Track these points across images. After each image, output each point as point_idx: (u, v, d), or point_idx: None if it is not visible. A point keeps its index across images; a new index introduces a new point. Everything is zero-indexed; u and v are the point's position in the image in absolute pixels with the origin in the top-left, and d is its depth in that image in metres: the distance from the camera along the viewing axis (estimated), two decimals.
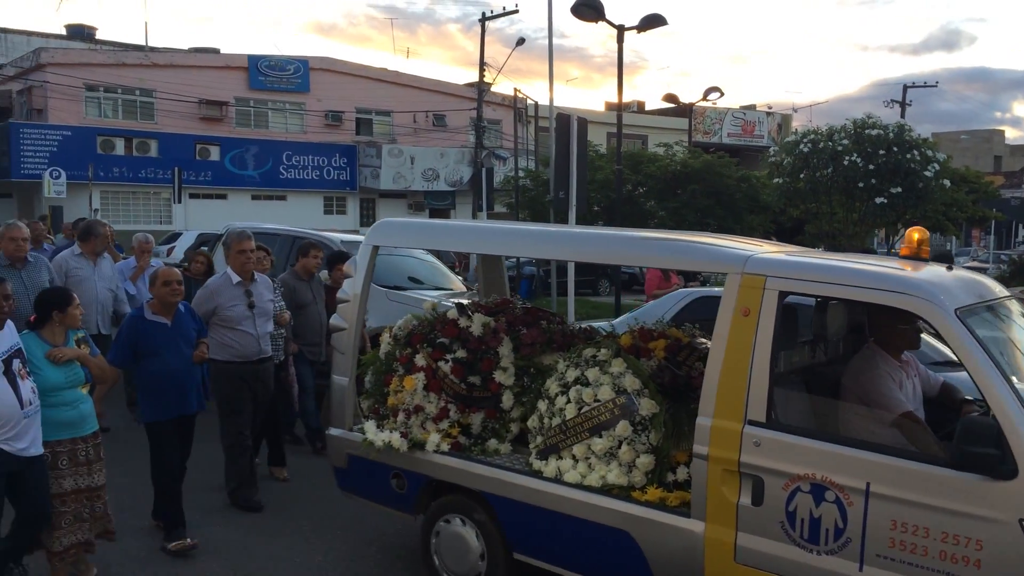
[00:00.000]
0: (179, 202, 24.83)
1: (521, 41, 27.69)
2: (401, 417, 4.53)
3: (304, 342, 7.07)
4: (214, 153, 29.84)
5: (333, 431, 4.87)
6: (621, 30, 13.26)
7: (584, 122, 11.47)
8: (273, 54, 32.34)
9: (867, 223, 16.67)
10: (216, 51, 34.51)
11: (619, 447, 3.84)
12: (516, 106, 31.23)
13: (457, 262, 21.65)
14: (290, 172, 31.42)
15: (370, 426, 4.61)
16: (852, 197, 16.34)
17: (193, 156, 29.19)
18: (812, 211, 17.80)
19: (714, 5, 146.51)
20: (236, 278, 5.89)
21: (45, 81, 27.34)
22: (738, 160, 19.50)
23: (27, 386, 4.15)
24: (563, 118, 11.18)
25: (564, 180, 11.03)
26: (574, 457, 3.98)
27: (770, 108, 45.77)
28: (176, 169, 24.81)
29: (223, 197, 30.06)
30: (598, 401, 3.91)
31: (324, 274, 7.80)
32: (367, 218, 33.61)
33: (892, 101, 38.53)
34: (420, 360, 4.51)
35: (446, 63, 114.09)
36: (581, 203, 11.30)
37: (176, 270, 5.49)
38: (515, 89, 28.54)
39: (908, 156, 15.76)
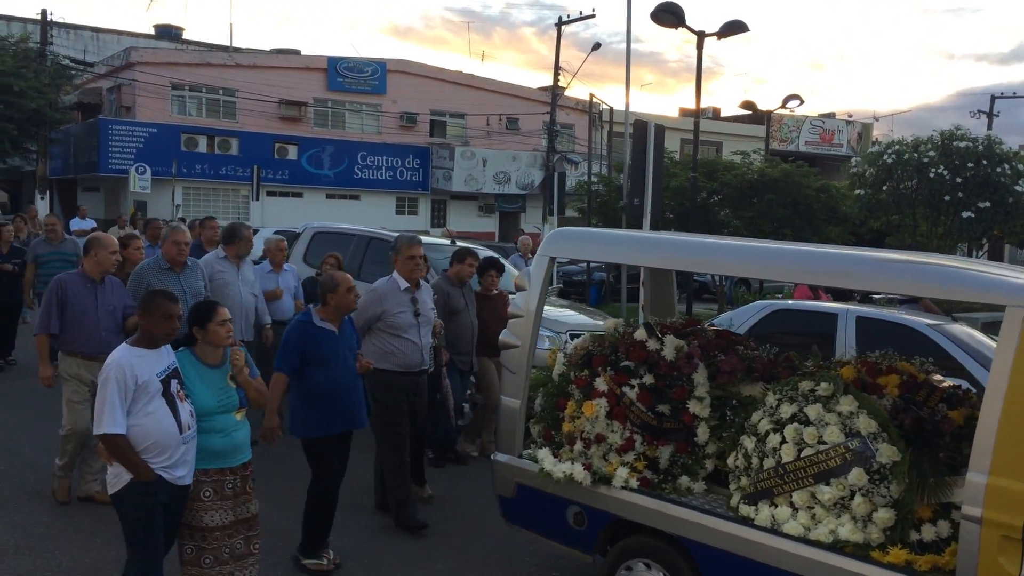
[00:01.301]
0: (257, 199, 25.41)
1: (597, 46, 27.66)
2: (579, 446, 4.14)
3: (455, 351, 6.76)
4: (292, 152, 30.47)
5: (500, 457, 4.51)
6: (701, 36, 13.07)
7: (661, 129, 11.35)
8: (351, 56, 32.88)
9: (952, 237, 16.10)
10: (297, 52, 35.25)
11: (852, 498, 3.37)
12: (591, 111, 31.09)
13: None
14: (364, 172, 31.89)
15: (546, 455, 4.24)
16: (937, 210, 15.80)
17: (272, 155, 29.86)
18: (894, 223, 17.27)
19: (793, 10, 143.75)
20: (404, 284, 5.67)
21: (134, 79, 28.29)
22: (817, 170, 19.03)
23: (186, 409, 3.84)
24: (640, 125, 11.08)
25: (640, 187, 10.93)
26: (793, 505, 3.52)
27: (850, 116, 44.63)
28: (255, 167, 25.39)
29: (299, 195, 30.68)
30: (824, 443, 3.47)
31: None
32: (438, 219, 33.91)
33: (979, 112, 37.26)
34: (601, 384, 4.12)
35: (520, 66, 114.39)
36: (656, 210, 11.18)
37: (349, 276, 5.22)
38: (590, 95, 28.40)
39: (998, 170, 15.17)
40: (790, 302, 8.23)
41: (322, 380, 4.83)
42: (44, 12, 26.37)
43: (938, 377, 3.88)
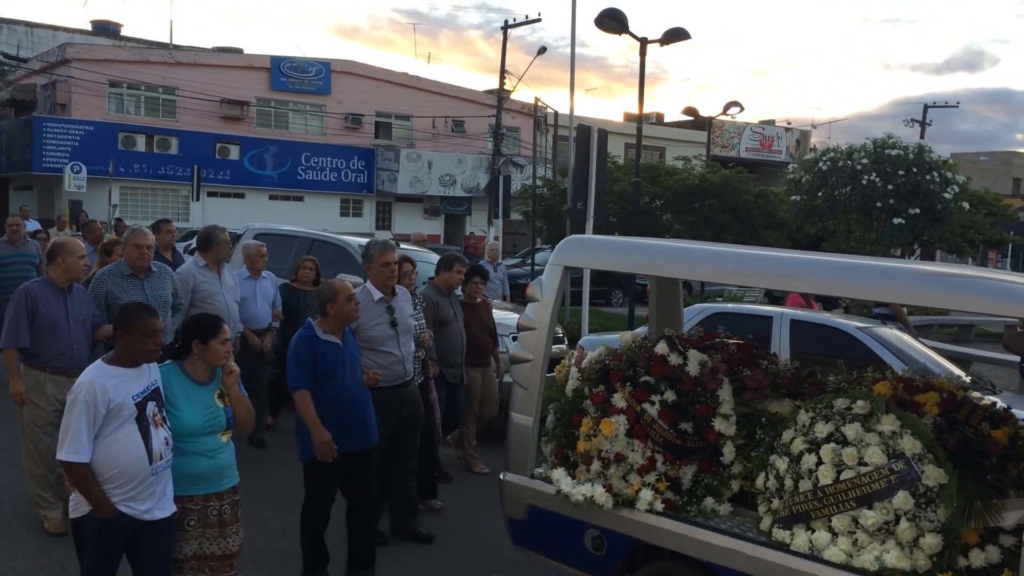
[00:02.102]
0: (197, 200, 25.01)
1: (543, 50, 27.78)
2: (597, 466, 3.92)
3: (445, 364, 6.46)
4: (234, 152, 30.03)
5: (510, 477, 4.26)
6: (644, 43, 13.27)
7: (604, 134, 11.53)
8: (296, 56, 32.55)
9: (884, 243, 16.62)
10: (239, 51, 34.76)
11: (897, 523, 3.21)
12: (536, 114, 31.28)
13: None
14: (308, 173, 31.58)
15: (561, 475, 4.00)
16: (870, 217, 16.30)
17: (213, 155, 29.39)
18: (829, 229, 17.76)
19: (736, 18, 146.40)
20: (378, 294, 5.34)
21: (70, 76, 27.60)
22: (756, 175, 19.49)
23: (160, 436, 3.52)
24: (584, 129, 11.24)
25: (583, 191, 11.09)
26: (832, 530, 3.32)
27: (789, 124, 45.68)
28: (196, 167, 24.99)
29: (241, 196, 30.24)
30: (865, 465, 3.29)
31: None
32: (383, 221, 33.75)
33: (912, 120, 38.46)
34: (620, 401, 3.90)
35: (467, 69, 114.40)
36: (600, 214, 11.35)
37: (348, 283, 4.94)
38: (535, 99, 28.58)
39: (928, 178, 15.72)
40: (728, 305, 8.44)
41: (330, 396, 4.59)
42: None
43: (976, 394, 3.72)
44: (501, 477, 4.33)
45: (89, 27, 40.04)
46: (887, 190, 15.67)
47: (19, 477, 6.37)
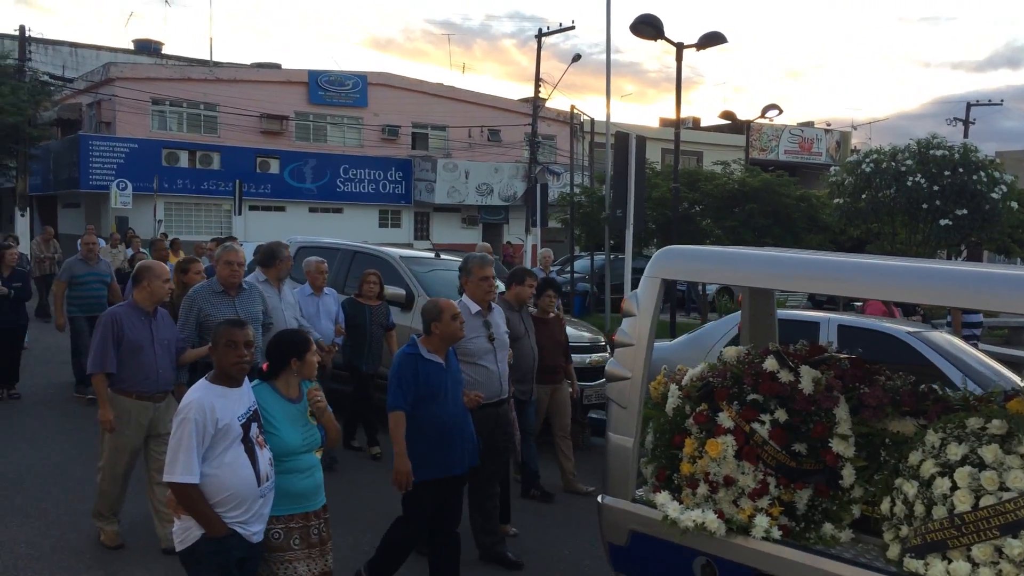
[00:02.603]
0: (239, 214, 25.35)
1: (577, 57, 27.72)
2: (704, 489, 3.72)
3: (515, 380, 6.15)
4: (274, 166, 30.43)
5: (610, 501, 4.08)
6: (680, 48, 13.20)
7: (643, 140, 11.46)
8: (333, 69, 32.90)
9: (930, 244, 16.30)
10: (278, 66, 35.24)
11: None
12: (572, 122, 31.25)
13: None
14: (347, 185, 31.87)
15: (666, 500, 3.80)
16: (915, 218, 16.00)
17: (254, 169, 29.81)
18: (873, 231, 17.48)
19: (771, 20, 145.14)
20: (475, 307, 5.29)
21: (114, 95, 28.18)
22: (796, 178, 19.25)
23: (265, 457, 3.48)
24: (622, 137, 11.18)
25: (622, 198, 11.03)
26: (972, 560, 3.10)
27: (828, 125, 45.10)
28: (237, 181, 25.35)
29: (281, 209, 30.62)
30: (1007, 490, 3.06)
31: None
32: (421, 231, 33.92)
33: (955, 119, 37.72)
34: (726, 421, 3.70)
35: (501, 78, 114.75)
36: (639, 222, 11.28)
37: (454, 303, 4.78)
38: (571, 106, 28.56)
39: (974, 177, 15.39)
40: None
41: (432, 417, 4.46)
42: (22, 28, 26.31)
43: None
44: (600, 500, 4.15)
45: (131, 46, 40.92)
46: (933, 191, 15.37)
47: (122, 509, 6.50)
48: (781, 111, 21.90)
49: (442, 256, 10.58)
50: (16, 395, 9.52)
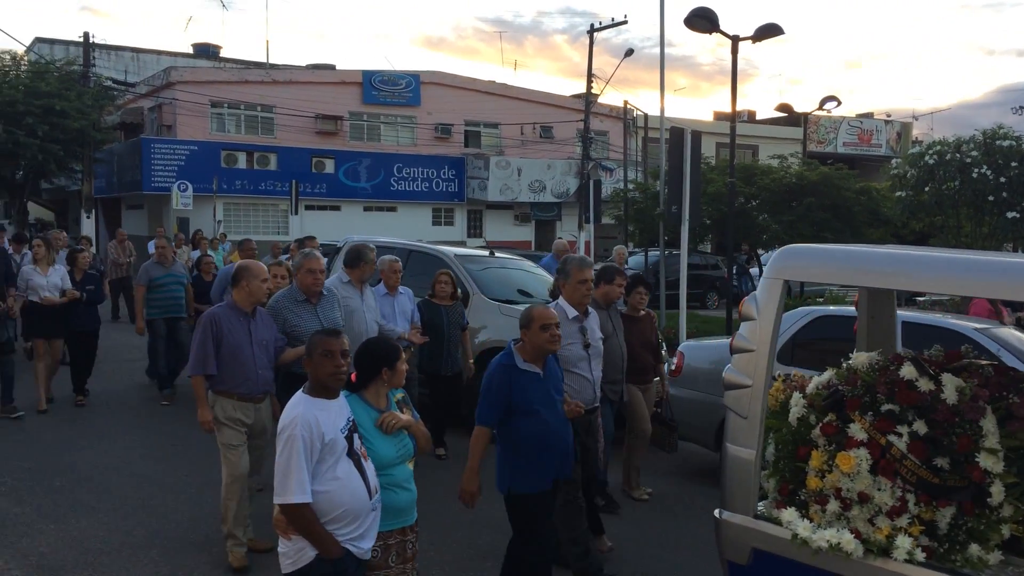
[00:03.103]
0: (296, 214, 25.71)
1: (630, 52, 27.55)
2: (834, 506, 3.46)
3: (605, 380, 6.00)
4: (329, 166, 30.82)
5: (729, 517, 3.84)
6: (736, 41, 13.00)
7: (698, 135, 11.33)
8: (386, 69, 33.19)
9: (997, 238, 15.80)
10: (332, 67, 35.67)
11: None
12: (625, 117, 31.05)
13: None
14: (400, 184, 32.14)
15: (794, 516, 3.55)
16: (981, 211, 15.52)
17: (309, 169, 30.22)
18: (937, 225, 17.00)
19: (828, 10, 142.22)
20: (572, 311, 5.10)
21: (174, 98, 28.82)
22: (857, 171, 18.82)
23: (371, 469, 3.35)
24: (676, 132, 11.07)
25: (677, 194, 10.93)
26: None
27: (888, 116, 44.08)
28: (293, 182, 25.73)
29: (337, 209, 30.99)
30: None
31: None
32: (474, 229, 34.04)
33: (1020, 108, 36.46)
34: (858, 432, 3.45)
35: (552, 74, 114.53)
36: (694, 217, 11.15)
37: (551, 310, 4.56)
38: (624, 101, 28.38)
39: None
40: (832, 308, 8.14)
41: (532, 430, 4.27)
42: (86, 35, 27.00)
43: None
44: (717, 516, 3.95)
45: (191, 50, 41.83)
46: (999, 183, 14.88)
47: (188, 504, 6.67)
48: (840, 103, 21.43)
49: (496, 254, 10.60)
50: (82, 401, 9.50)
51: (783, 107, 25.02)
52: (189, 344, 9.55)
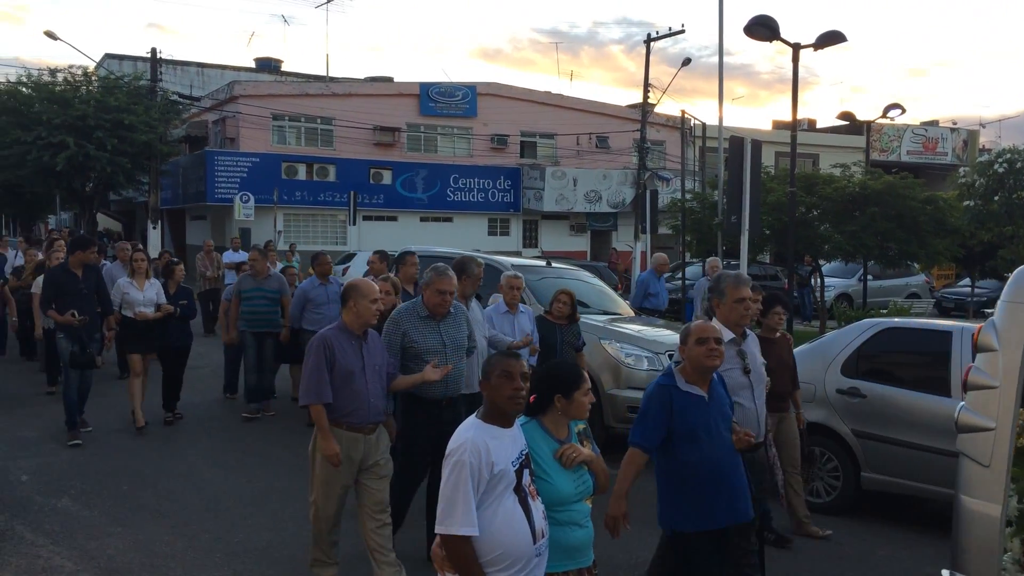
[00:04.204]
0: (354, 224, 26.05)
1: (687, 61, 27.38)
2: None
3: None
4: (386, 177, 31.18)
5: None
6: (797, 48, 12.80)
7: (758, 145, 11.17)
8: (443, 81, 33.49)
9: None
10: (390, 79, 36.12)
11: None
12: (683, 127, 30.81)
13: (619, 283, 21.50)
14: (457, 194, 32.36)
15: None
16: None
17: (367, 180, 30.62)
18: (1007, 235, 16.51)
19: (890, 16, 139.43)
20: (729, 334, 4.63)
21: (237, 112, 29.47)
22: (923, 180, 18.34)
23: (539, 510, 3.06)
24: (736, 141, 10.92)
25: (737, 204, 10.77)
26: None
27: (954, 124, 42.98)
28: (352, 193, 26.09)
29: (394, 219, 31.32)
30: None
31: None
32: (529, 239, 34.08)
33: None
34: None
35: (608, 84, 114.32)
36: (754, 228, 10.98)
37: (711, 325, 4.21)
38: (682, 111, 28.16)
39: None
40: (900, 320, 7.92)
41: (695, 459, 3.89)
42: (154, 50, 27.77)
43: None
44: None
45: (253, 64, 42.79)
46: None
47: (250, 510, 6.78)
48: (904, 110, 20.94)
49: (553, 264, 10.58)
50: (177, 416, 9.22)
51: (845, 115, 24.62)
52: (275, 359, 9.68)
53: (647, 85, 29.10)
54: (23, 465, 7.44)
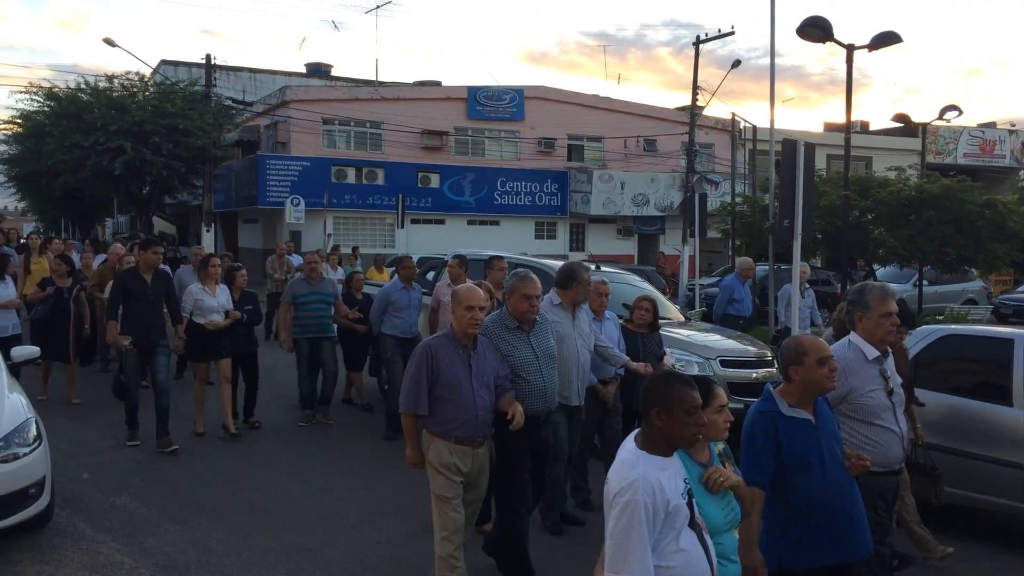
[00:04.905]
0: (402, 227, 26.24)
1: (737, 63, 27.11)
2: None
3: None
4: (434, 180, 31.37)
5: None
6: (851, 50, 12.59)
7: (811, 148, 11.00)
8: (490, 85, 33.60)
9: None
10: (438, 84, 36.34)
11: None
12: (733, 130, 30.50)
13: (667, 287, 21.34)
14: (504, 198, 32.42)
15: None
16: None
17: (415, 183, 30.84)
18: None
19: (944, 15, 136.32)
20: (872, 351, 4.22)
21: (289, 116, 29.91)
22: (981, 183, 17.91)
23: (711, 543, 2.85)
24: (789, 144, 10.77)
25: (789, 208, 10.62)
26: None
27: (1013, 125, 41.86)
28: (400, 196, 26.30)
29: (441, 222, 31.49)
30: None
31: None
32: (576, 243, 34.01)
33: None
34: None
35: (656, 87, 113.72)
36: (807, 231, 10.82)
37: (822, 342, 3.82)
38: (732, 114, 27.88)
39: None
40: (958, 327, 7.75)
41: (807, 489, 3.55)
42: (208, 57, 28.32)
43: None
44: None
45: (304, 70, 43.38)
46: None
47: (304, 509, 6.89)
48: (961, 112, 20.47)
49: (601, 268, 10.55)
50: (257, 424, 9.11)
51: (900, 117, 24.16)
52: (332, 366, 9.46)
53: (696, 87, 28.85)
54: (84, 463, 7.64)
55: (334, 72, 43.72)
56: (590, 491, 6.75)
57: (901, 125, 26.62)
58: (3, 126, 31.34)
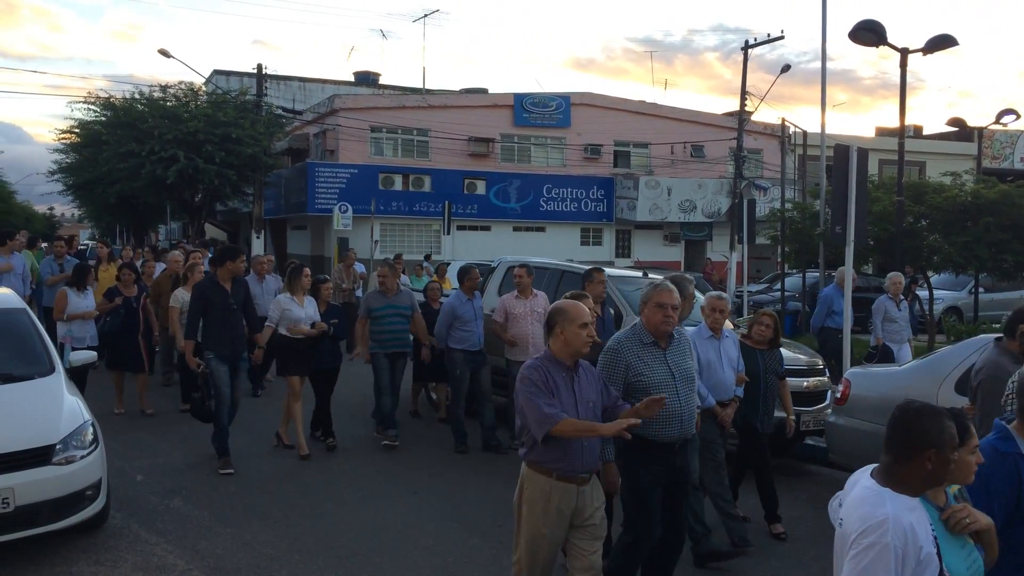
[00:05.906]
0: (448, 234, 26.36)
1: (787, 68, 26.71)
2: None
3: None
4: (480, 187, 31.48)
5: None
6: (905, 53, 12.36)
7: (864, 153, 10.81)
8: (537, 92, 33.64)
9: None
10: (484, 91, 36.50)
11: None
12: (782, 135, 30.12)
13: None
14: (550, 204, 32.41)
15: None
16: None
17: (461, 190, 30.98)
18: None
19: (998, 17, 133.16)
20: None
21: (337, 124, 30.27)
22: None
23: None
24: (841, 149, 10.60)
25: (842, 214, 10.45)
26: None
27: None
28: (446, 203, 26.41)
29: (487, 229, 31.59)
30: None
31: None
32: (622, 249, 33.85)
33: None
34: None
35: (703, 92, 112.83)
36: (860, 238, 10.63)
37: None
38: (782, 119, 27.53)
39: None
40: None
41: None
42: (259, 66, 28.79)
43: None
44: None
45: (352, 78, 43.91)
46: None
47: (352, 513, 6.94)
48: (1018, 116, 19.95)
49: (649, 275, 10.46)
50: (333, 444, 8.59)
51: (955, 121, 23.57)
52: (416, 379, 9.25)
53: (744, 92, 28.56)
54: (138, 466, 7.79)
55: (382, 80, 44.18)
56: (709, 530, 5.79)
57: (955, 129, 25.99)
58: (62, 135, 32.29)
